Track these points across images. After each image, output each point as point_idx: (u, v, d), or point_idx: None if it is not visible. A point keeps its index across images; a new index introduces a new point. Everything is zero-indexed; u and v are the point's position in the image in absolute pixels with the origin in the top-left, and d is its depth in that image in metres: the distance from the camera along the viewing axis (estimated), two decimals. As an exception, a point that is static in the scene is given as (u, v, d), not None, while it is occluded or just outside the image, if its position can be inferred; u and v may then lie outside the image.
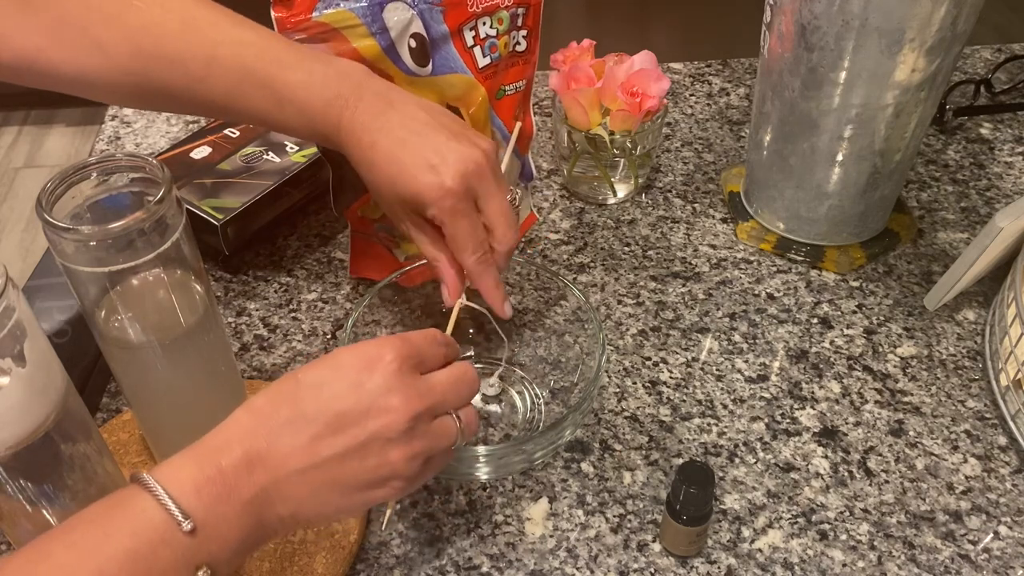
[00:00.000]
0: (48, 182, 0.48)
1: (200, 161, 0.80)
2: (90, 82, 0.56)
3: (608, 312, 0.75)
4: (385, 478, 0.46)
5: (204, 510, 0.42)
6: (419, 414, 0.47)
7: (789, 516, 0.61)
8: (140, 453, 0.63)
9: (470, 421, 0.51)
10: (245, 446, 0.44)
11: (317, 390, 0.46)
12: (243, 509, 0.43)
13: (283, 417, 0.45)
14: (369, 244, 0.76)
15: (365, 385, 0.46)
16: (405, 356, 0.47)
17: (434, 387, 0.48)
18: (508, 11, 0.67)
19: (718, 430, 0.66)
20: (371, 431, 0.45)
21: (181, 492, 0.42)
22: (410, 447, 0.46)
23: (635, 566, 0.58)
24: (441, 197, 0.54)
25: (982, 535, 0.60)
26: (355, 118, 0.56)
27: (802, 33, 0.69)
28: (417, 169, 0.54)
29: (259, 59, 0.56)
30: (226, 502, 0.42)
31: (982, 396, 0.69)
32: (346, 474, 0.45)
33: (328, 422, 0.45)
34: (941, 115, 0.93)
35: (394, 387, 0.46)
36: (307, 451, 0.44)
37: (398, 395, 0.46)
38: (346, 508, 0.46)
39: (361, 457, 0.45)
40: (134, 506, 0.41)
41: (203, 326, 0.54)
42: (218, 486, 0.42)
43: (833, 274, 0.79)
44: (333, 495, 0.45)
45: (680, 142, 0.93)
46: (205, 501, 0.42)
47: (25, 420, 0.46)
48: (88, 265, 0.48)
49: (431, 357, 0.50)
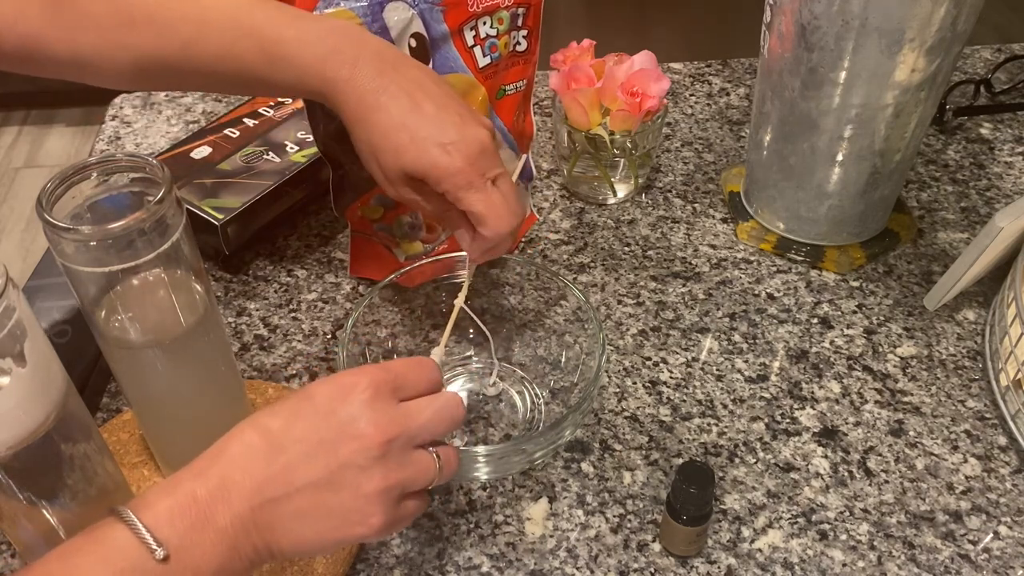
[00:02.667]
0: (48, 182, 0.48)
1: (200, 161, 0.80)
2: (87, 60, 0.56)
3: (608, 312, 0.75)
4: (361, 512, 0.45)
5: (178, 538, 0.41)
6: (391, 440, 0.45)
7: (789, 516, 0.61)
8: (140, 453, 0.63)
9: (449, 458, 0.49)
10: (222, 474, 0.43)
11: (292, 420, 0.45)
12: (218, 537, 0.42)
13: (259, 446, 0.44)
14: (369, 244, 0.76)
15: (337, 413, 0.45)
16: (380, 382, 0.46)
17: (411, 414, 0.47)
18: (508, 11, 0.67)
19: (718, 430, 0.66)
20: (343, 459, 0.44)
21: (155, 521, 0.41)
22: (384, 478, 0.45)
23: (635, 566, 0.58)
24: (453, 175, 0.54)
25: (982, 535, 0.60)
26: (355, 75, 0.55)
27: (802, 33, 0.69)
28: (429, 145, 0.55)
29: (250, 17, 0.56)
30: (200, 530, 0.42)
31: (982, 396, 0.69)
32: (321, 505, 0.44)
33: (301, 451, 0.44)
34: (941, 115, 0.93)
35: (365, 413, 0.45)
36: (281, 479, 0.44)
37: (369, 421, 0.45)
38: (321, 543, 0.45)
39: (335, 487, 0.44)
40: (109, 537, 0.41)
41: (203, 326, 0.54)
42: (192, 514, 0.42)
43: (833, 274, 0.79)
44: (308, 527, 0.45)
45: (680, 142, 0.93)
46: (179, 529, 0.42)
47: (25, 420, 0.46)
48: (88, 265, 0.48)
49: (413, 383, 0.48)
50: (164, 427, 0.59)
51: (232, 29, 0.56)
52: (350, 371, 0.47)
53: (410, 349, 0.69)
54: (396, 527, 0.48)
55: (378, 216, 0.74)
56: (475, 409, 0.68)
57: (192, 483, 0.43)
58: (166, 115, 0.96)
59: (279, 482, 0.44)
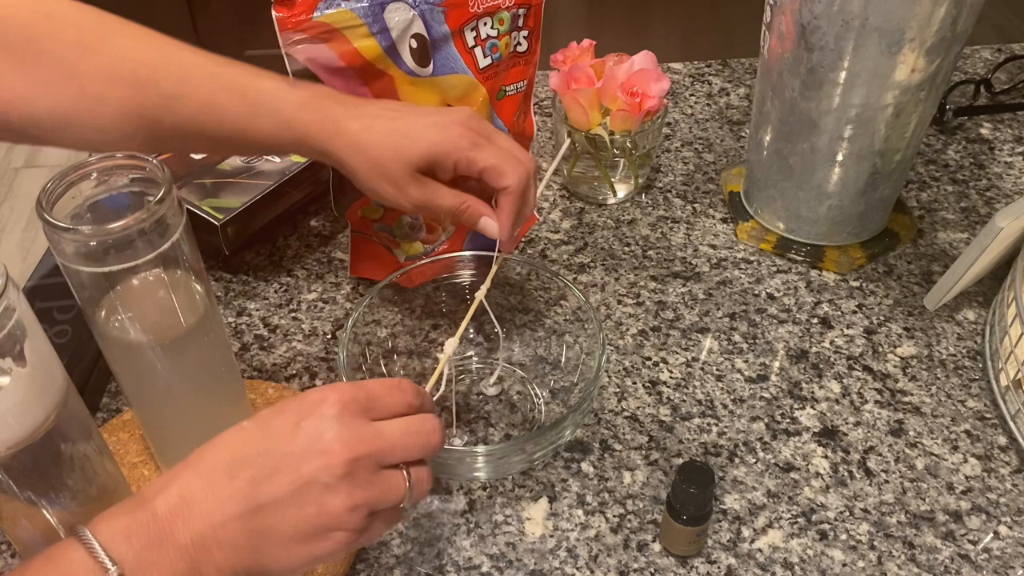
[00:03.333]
0: (48, 182, 0.48)
1: (200, 161, 0.80)
2: (66, 116, 0.56)
3: (608, 312, 0.75)
4: (326, 528, 0.44)
5: (134, 556, 0.40)
6: (358, 458, 0.44)
7: (789, 516, 0.61)
8: (140, 453, 0.63)
9: (420, 480, 0.47)
10: (182, 489, 0.43)
11: (259, 435, 0.44)
12: (177, 555, 0.41)
13: (223, 461, 0.44)
14: (369, 244, 0.76)
15: (304, 427, 0.44)
16: (349, 400, 0.45)
17: (381, 434, 0.45)
18: (509, 12, 0.67)
19: (718, 430, 0.66)
20: (307, 475, 0.43)
21: (111, 539, 0.41)
22: (351, 496, 0.44)
23: (635, 566, 0.58)
24: (457, 141, 0.56)
25: (982, 535, 0.60)
26: (333, 114, 0.57)
27: (802, 33, 0.69)
28: (424, 129, 0.56)
29: (229, 70, 0.58)
30: (158, 548, 0.41)
31: (982, 396, 0.69)
32: (284, 522, 0.43)
33: (265, 465, 0.43)
34: (941, 115, 0.93)
35: (332, 428, 0.44)
36: (244, 495, 0.43)
37: (336, 437, 0.44)
38: (288, 562, 0.44)
39: (299, 504, 0.43)
40: (64, 558, 0.40)
41: (203, 326, 0.54)
42: (150, 531, 0.41)
43: (833, 274, 0.79)
44: (271, 545, 0.43)
45: (680, 142, 0.93)
46: (136, 547, 0.41)
47: (25, 420, 0.46)
48: (88, 265, 0.48)
49: (386, 404, 0.47)
50: (164, 427, 0.59)
51: (212, 81, 0.57)
52: (322, 387, 0.46)
53: (410, 349, 0.69)
54: (362, 543, 0.46)
55: (378, 216, 0.74)
56: (475, 409, 0.68)
57: (153, 499, 0.42)
58: (166, 115, 0.96)
59: (241, 498, 0.43)
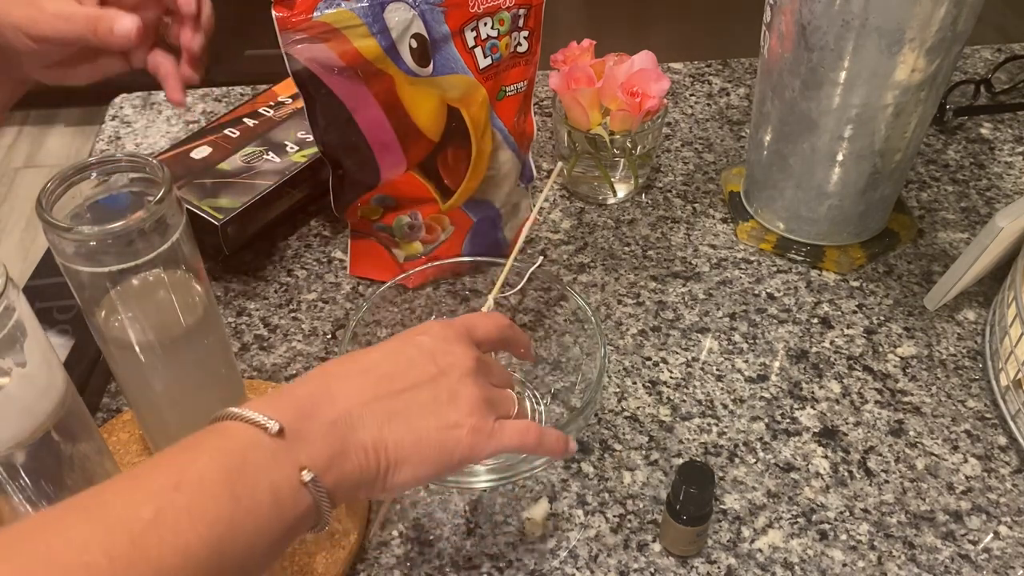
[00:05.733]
0: (48, 182, 0.48)
1: (200, 161, 0.80)
2: None
3: (608, 312, 0.75)
4: (458, 412, 0.47)
5: (288, 422, 0.42)
6: (479, 365, 0.49)
7: (789, 516, 0.61)
8: (140, 453, 0.63)
9: (521, 410, 0.52)
10: (320, 384, 0.45)
11: (379, 351, 0.48)
12: (325, 429, 0.43)
13: (351, 368, 0.47)
14: (369, 244, 0.76)
15: (422, 341, 0.49)
16: (452, 322, 0.51)
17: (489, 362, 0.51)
18: (509, 12, 0.67)
19: (718, 430, 0.66)
20: (442, 365, 0.47)
21: (261, 410, 0.42)
22: (479, 387, 0.48)
23: (635, 566, 0.58)
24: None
25: (982, 535, 0.60)
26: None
27: (802, 33, 0.69)
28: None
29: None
30: (308, 418, 0.43)
31: (982, 396, 0.69)
32: (422, 404, 0.46)
33: (399, 361, 0.47)
34: (941, 115, 0.93)
35: (451, 338, 0.49)
36: (383, 385, 0.46)
37: (458, 344, 0.49)
38: (423, 447, 0.45)
39: (433, 390, 0.47)
40: (215, 430, 0.41)
41: (203, 326, 0.54)
42: (297, 408, 0.43)
43: (833, 274, 0.79)
44: (410, 425, 0.45)
45: (680, 142, 0.93)
46: (287, 416, 0.42)
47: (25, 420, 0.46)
48: (88, 265, 0.48)
49: (483, 326, 0.53)
50: (164, 427, 0.59)
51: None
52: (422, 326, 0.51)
53: (410, 349, 0.69)
54: (493, 443, 0.48)
55: (378, 216, 0.74)
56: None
57: (292, 390, 0.44)
58: (166, 115, 0.96)
59: (381, 386, 0.46)
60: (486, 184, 0.73)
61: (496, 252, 0.75)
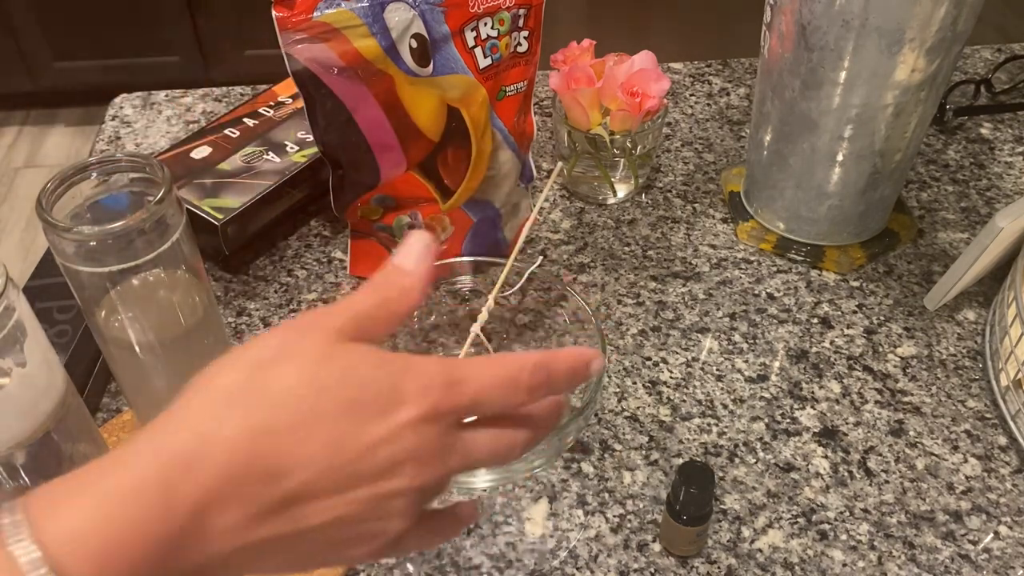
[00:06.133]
0: (48, 182, 0.48)
1: (200, 161, 0.80)
2: None
3: (608, 312, 0.75)
4: (366, 546, 0.36)
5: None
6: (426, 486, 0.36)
7: (789, 516, 0.61)
8: (140, 453, 0.63)
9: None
10: (223, 471, 0.32)
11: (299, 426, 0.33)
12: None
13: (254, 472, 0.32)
14: (369, 244, 0.76)
15: (395, 482, 0.34)
16: (446, 410, 0.35)
17: (469, 454, 0.37)
18: (510, 12, 0.67)
19: (718, 430, 0.66)
20: (386, 512, 0.35)
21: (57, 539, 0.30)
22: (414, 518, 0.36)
23: (635, 566, 0.58)
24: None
25: (982, 535, 0.60)
26: None
27: (802, 33, 0.69)
28: None
29: None
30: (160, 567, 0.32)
31: (982, 396, 0.69)
32: (327, 538, 0.35)
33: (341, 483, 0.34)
34: (941, 115, 0.93)
35: (426, 476, 0.35)
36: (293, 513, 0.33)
37: (433, 469, 0.36)
38: (297, 566, 0.35)
39: (356, 527, 0.35)
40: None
41: (203, 326, 0.54)
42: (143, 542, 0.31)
43: (833, 274, 0.79)
44: (294, 552, 0.35)
45: (680, 142, 0.93)
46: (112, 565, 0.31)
47: (25, 420, 0.46)
48: (88, 265, 0.48)
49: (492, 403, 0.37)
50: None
51: None
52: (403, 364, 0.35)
53: (410, 349, 0.69)
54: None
55: (378, 216, 0.74)
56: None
57: (172, 468, 0.32)
58: (166, 115, 0.96)
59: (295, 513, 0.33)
60: (486, 184, 0.73)
61: (496, 252, 0.76)
